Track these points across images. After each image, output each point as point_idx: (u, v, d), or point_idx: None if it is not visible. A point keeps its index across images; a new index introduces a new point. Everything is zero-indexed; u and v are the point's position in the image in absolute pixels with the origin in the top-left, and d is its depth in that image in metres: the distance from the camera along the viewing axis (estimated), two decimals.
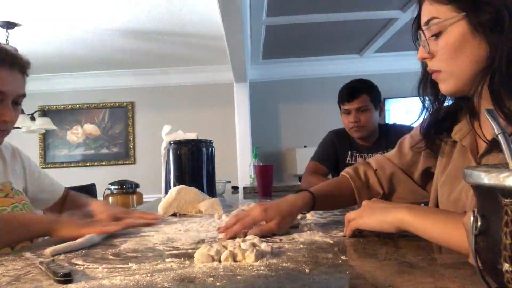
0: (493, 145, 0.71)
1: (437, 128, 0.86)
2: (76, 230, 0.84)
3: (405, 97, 4.08)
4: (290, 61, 4.49)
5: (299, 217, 1.02)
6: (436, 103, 0.85)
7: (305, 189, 0.95)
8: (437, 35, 0.73)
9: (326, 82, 4.65)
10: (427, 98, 0.85)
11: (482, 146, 0.75)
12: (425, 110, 0.86)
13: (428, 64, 0.77)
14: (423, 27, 0.76)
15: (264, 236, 0.82)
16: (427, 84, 0.84)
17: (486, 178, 0.36)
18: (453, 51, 0.71)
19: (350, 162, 1.97)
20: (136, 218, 1.04)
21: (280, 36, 3.67)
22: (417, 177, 0.98)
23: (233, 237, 0.81)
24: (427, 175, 0.97)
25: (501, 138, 0.39)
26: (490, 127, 0.70)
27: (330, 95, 4.60)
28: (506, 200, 0.35)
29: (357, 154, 1.98)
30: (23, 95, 1.07)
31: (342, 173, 1.07)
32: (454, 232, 0.59)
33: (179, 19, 3.11)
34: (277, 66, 4.57)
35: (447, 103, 0.85)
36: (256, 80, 4.60)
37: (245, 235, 0.80)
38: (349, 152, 2.00)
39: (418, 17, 0.81)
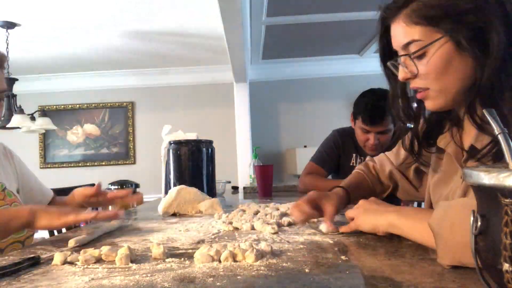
0: (470, 153, 0.74)
1: (424, 143, 0.88)
2: (53, 219, 0.86)
3: None
4: (290, 61, 4.49)
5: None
6: (412, 116, 0.86)
7: (337, 185, 1.01)
8: (419, 57, 0.72)
9: (326, 82, 4.65)
10: (401, 113, 0.86)
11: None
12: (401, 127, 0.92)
13: (411, 83, 0.77)
14: (402, 50, 0.75)
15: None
16: (395, 102, 0.85)
17: (486, 178, 0.36)
18: (441, 70, 0.71)
19: (354, 165, 1.90)
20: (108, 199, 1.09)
21: (280, 36, 3.67)
22: (412, 177, 1.04)
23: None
24: (420, 175, 1.03)
25: (501, 138, 0.39)
26: (470, 135, 0.74)
27: (330, 95, 4.64)
28: (506, 200, 0.35)
29: (363, 158, 1.90)
30: (4, 90, 1.06)
31: (356, 170, 1.13)
32: (425, 229, 0.61)
33: (179, 19, 3.11)
34: (277, 66, 4.57)
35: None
36: (256, 80, 4.60)
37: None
38: (354, 155, 1.92)
39: (384, 35, 0.82)
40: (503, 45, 0.66)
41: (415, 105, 0.85)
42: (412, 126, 0.89)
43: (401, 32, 0.74)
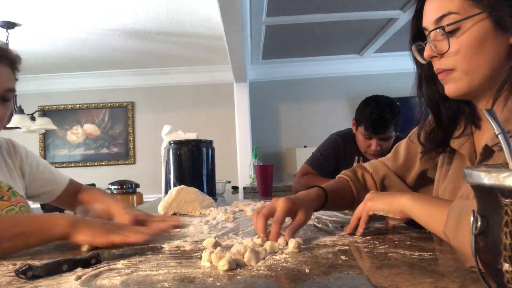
0: (487, 152, 0.69)
1: (441, 138, 0.82)
2: (96, 236, 0.77)
3: (405, 97, 4.09)
4: (290, 61, 4.49)
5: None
6: (433, 108, 0.82)
7: (316, 185, 0.92)
8: (452, 32, 0.68)
9: (326, 82, 4.65)
10: (424, 101, 0.82)
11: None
12: (423, 114, 0.84)
13: (436, 64, 0.73)
14: (433, 24, 0.70)
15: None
16: (422, 86, 0.81)
17: (486, 178, 0.36)
18: (472, 48, 0.67)
19: None
20: (159, 222, 0.95)
21: (280, 36, 3.67)
22: (411, 181, 0.97)
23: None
24: (423, 179, 0.96)
25: (501, 138, 0.39)
26: (487, 134, 0.71)
27: (330, 95, 4.64)
28: (506, 200, 0.35)
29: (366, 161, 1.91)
30: (11, 90, 1.01)
31: (340, 175, 1.03)
32: (438, 217, 0.63)
33: (179, 19, 3.11)
34: (277, 66, 4.57)
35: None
36: (256, 80, 4.60)
37: (286, 243, 0.71)
38: (357, 158, 1.90)
39: (418, 13, 0.77)
40: None
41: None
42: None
43: (438, 5, 0.70)
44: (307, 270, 0.56)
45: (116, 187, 3.80)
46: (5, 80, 0.99)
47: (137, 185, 3.93)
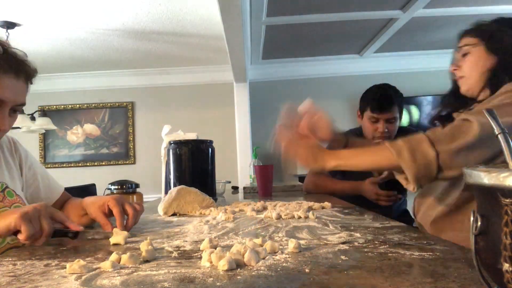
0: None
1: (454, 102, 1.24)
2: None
3: (405, 96, 4.09)
4: (290, 61, 4.49)
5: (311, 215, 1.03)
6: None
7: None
8: (465, 54, 1.16)
9: (326, 82, 4.65)
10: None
11: None
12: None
13: (456, 74, 1.18)
14: (457, 50, 1.18)
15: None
16: (449, 95, 1.25)
17: (486, 178, 0.36)
18: (474, 65, 1.14)
19: None
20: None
21: (280, 36, 3.67)
22: None
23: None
24: None
25: (500, 138, 0.39)
26: None
27: (330, 95, 4.64)
28: (506, 200, 0.35)
29: None
30: (23, 104, 1.04)
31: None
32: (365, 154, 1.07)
33: (179, 19, 3.11)
34: (277, 66, 4.57)
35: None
36: (256, 80, 4.60)
37: None
38: None
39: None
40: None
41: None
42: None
43: (462, 40, 1.18)
44: (307, 270, 0.56)
45: (116, 187, 3.81)
46: (20, 95, 1.01)
47: (137, 185, 3.93)
